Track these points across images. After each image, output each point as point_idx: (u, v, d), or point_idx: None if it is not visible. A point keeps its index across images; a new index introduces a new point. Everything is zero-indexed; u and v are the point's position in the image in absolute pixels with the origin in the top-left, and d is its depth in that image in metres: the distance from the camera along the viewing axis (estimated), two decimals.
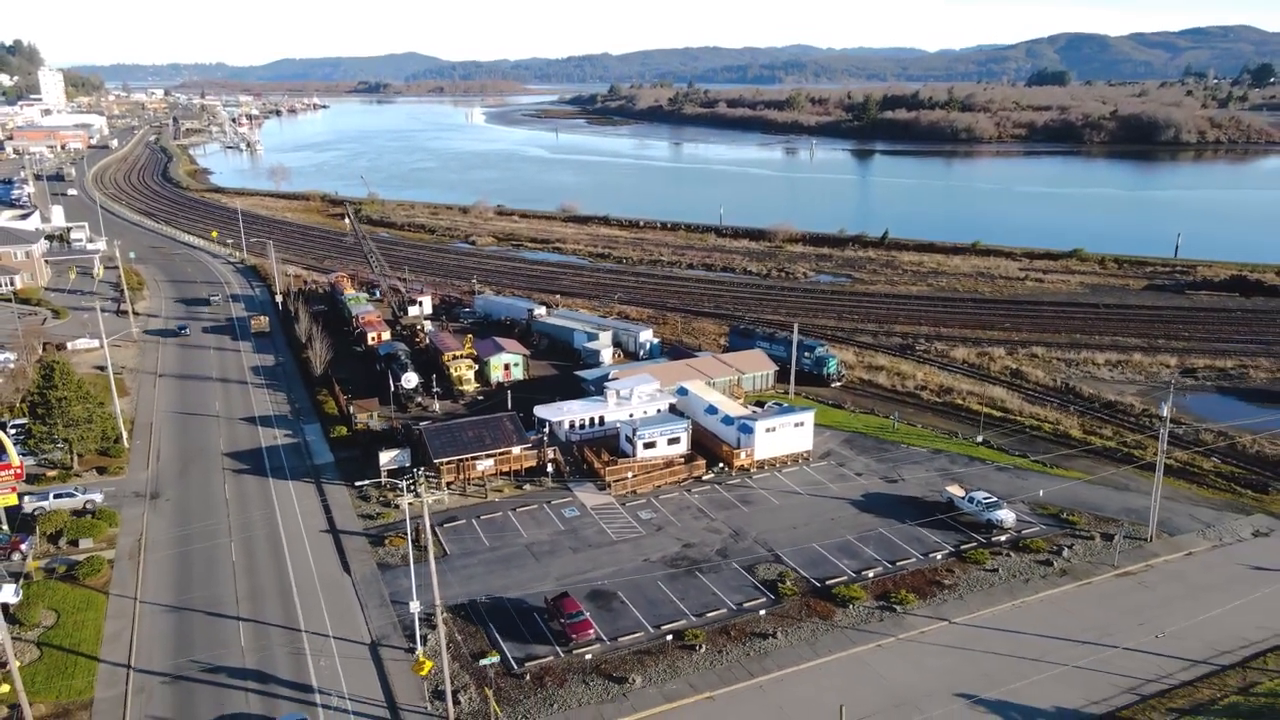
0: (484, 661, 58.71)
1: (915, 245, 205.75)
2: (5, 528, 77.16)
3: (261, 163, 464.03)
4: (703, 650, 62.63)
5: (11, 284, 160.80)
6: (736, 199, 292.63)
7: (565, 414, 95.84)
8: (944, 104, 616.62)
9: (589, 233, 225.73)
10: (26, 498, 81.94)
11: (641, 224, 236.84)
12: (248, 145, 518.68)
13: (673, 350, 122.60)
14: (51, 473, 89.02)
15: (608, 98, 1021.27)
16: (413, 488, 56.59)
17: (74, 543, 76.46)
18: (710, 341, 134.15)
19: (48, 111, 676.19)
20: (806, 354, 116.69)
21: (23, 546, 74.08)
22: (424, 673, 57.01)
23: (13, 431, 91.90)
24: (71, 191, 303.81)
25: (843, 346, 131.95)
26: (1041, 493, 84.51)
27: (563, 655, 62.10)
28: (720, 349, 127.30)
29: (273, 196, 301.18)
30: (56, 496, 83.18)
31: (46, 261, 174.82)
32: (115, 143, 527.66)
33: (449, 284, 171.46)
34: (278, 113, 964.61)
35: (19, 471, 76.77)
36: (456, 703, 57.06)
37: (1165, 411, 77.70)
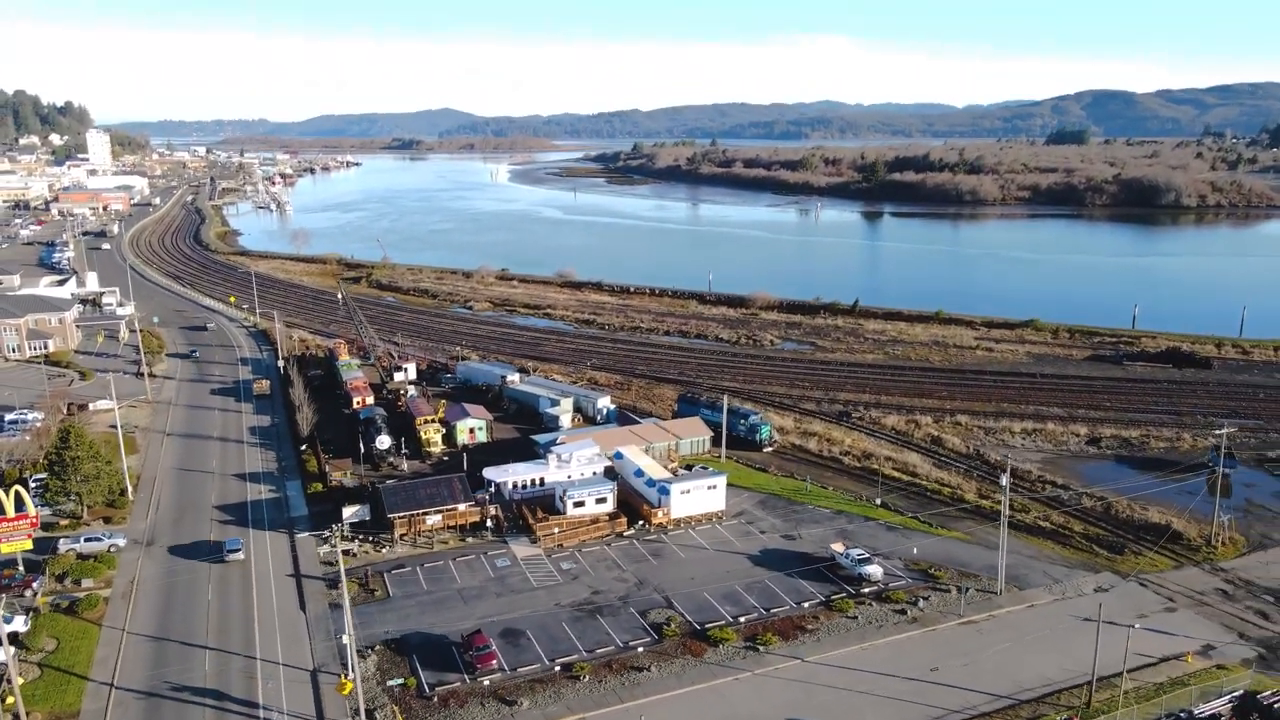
0: (391, 682, 71.28)
1: (883, 313, 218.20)
2: (21, 568, 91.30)
3: (290, 223, 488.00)
4: (586, 680, 74.76)
5: (45, 347, 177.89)
6: (730, 263, 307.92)
7: (510, 475, 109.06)
8: (952, 166, 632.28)
9: (579, 299, 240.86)
10: (61, 540, 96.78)
11: (631, 290, 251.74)
12: (278, 205, 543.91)
13: (622, 416, 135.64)
14: (64, 522, 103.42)
15: (630, 156, 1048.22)
16: (330, 540, 69.18)
17: (77, 582, 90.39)
18: (665, 407, 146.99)
19: (94, 171, 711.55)
20: (742, 421, 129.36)
21: (34, 584, 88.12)
22: (345, 693, 69.74)
23: (35, 485, 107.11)
24: (105, 246, 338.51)
25: (785, 413, 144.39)
26: (916, 550, 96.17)
27: (469, 682, 74.55)
28: (672, 414, 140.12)
29: (292, 260, 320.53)
30: (87, 540, 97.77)
31: (77, 326, 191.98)
32: (157, 200, 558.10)
33: (440, 349, 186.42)
34: (311, 171, 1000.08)
35: (35, 521, 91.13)
36: (372, 717, 69.64)
37: (1004, 481, 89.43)
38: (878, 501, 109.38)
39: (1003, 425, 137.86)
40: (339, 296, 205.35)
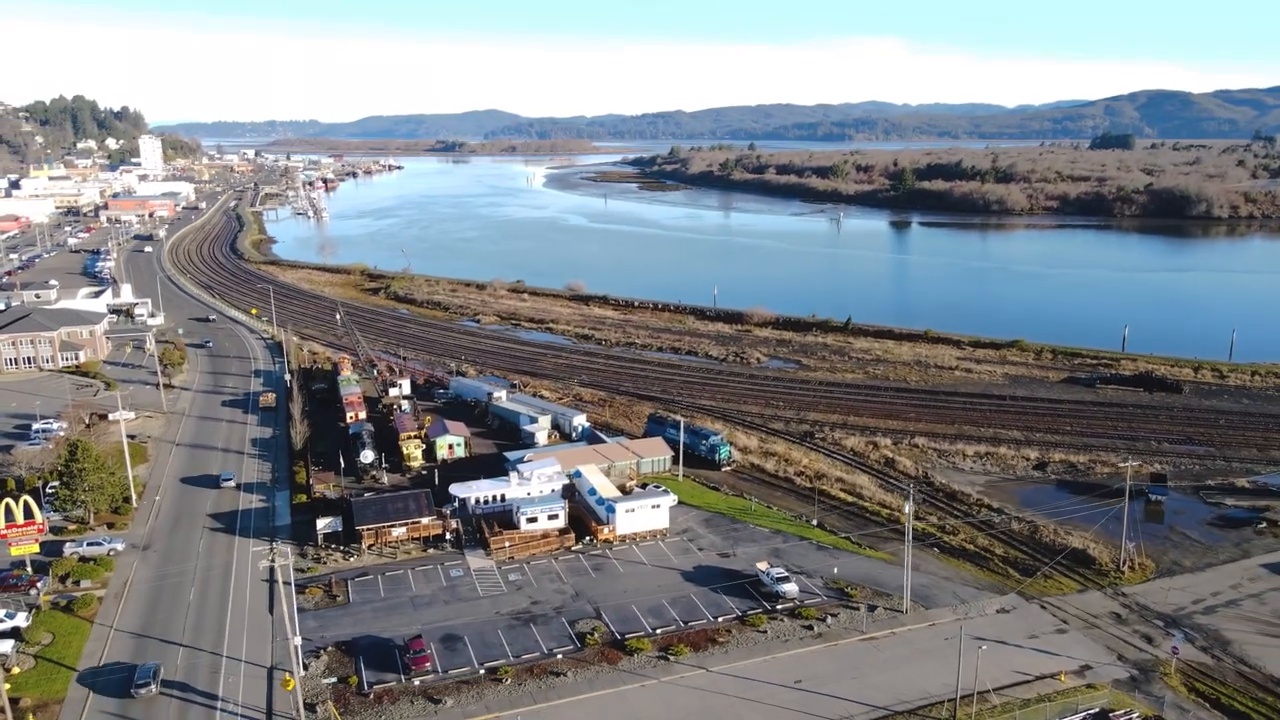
0: (326, 680, 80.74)
1: (874, 331, 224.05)
2: (29, 569, 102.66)
3: (327, 230, 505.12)
4: (508, 683, 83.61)
5: (76, 358, 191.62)
6: (741, 276, 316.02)
7: (474, 491, 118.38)
8: (984, 173, 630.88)
9: (583, 313, 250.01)
10: (68, 544, 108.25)
11: (636, 304, 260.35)
12: (315, 212, 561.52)
13: (592, 435, 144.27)
14: (72, 527, 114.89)
15: (667, 160, 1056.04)
16: (269, 555, 78.74)
17: (77, 582, 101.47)
18: (641, 425, 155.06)
19: (144, 176, 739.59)
20: (703, 441, 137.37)
21: (39, 584, 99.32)
22: (289, 688, 79.41)
23: (50, 492, 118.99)
24: (148, 249, 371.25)
25: (752, 432, 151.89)
26: (837, 569, 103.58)
27: (403, 681, 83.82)
28: (643, 433, 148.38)
29: (319, 269, 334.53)
30: (89, 544, 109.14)
31: (107, 337, 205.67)
32: (203, 204, 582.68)
33: (441, 363, 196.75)
34: (354, 174, 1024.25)
35: (41, 527, 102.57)
36: (313, 710, 79.25)
37: (909, 508, 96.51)
38: (814, 522, 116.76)
39: (958, 448, 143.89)
40: (337, 317, 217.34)
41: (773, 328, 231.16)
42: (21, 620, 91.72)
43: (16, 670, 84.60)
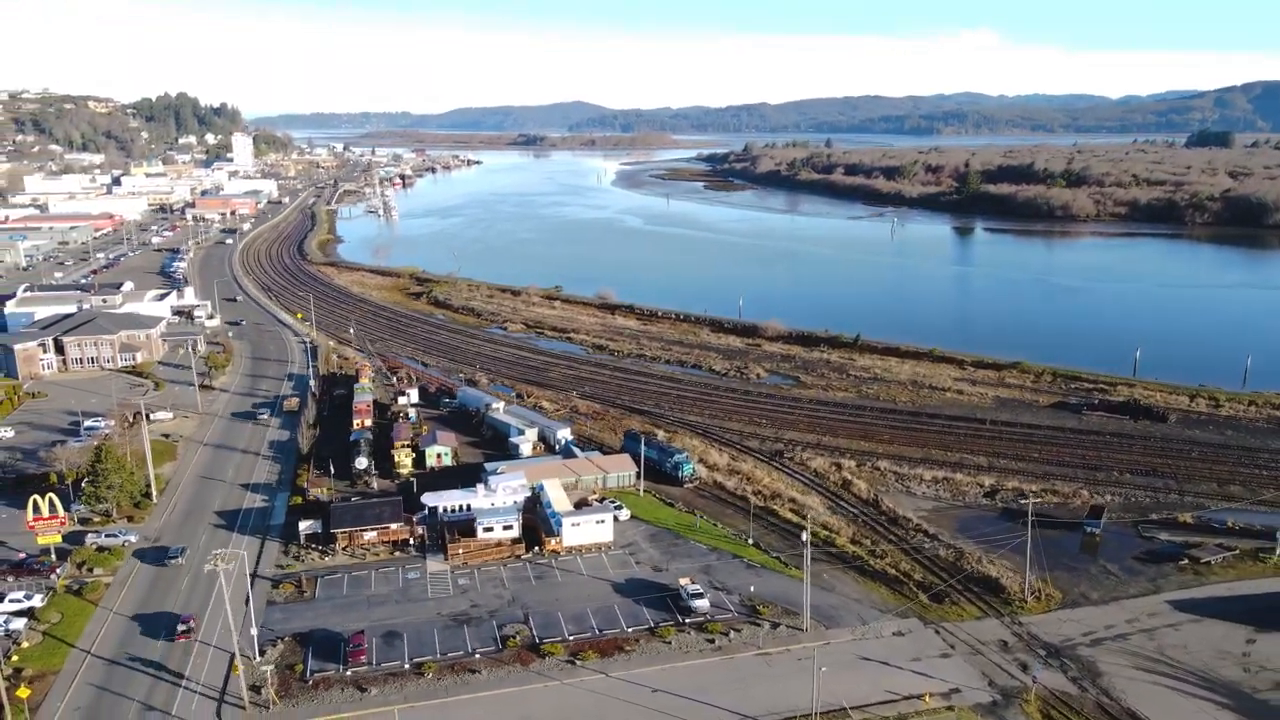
0: (264, 667, 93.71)
1: (882, 348, 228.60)
2: (54, 556, 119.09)
3: (396, 229, 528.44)
4: (429, 677, 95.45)
5: (134, 359, 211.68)
6: (772, 284, 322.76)
7: (444, 500, 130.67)
8: (1055, 176, 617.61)
9: (605, 323, 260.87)
10: (89, 535, 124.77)
11: (659, 314, 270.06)
12: (386, 211, 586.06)
13: (566, 449, 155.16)
14: (98, 519, 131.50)
15: (739, 157, 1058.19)
16: (215, 562, 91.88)
17: (91, 570, 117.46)
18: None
19: (234, 173, 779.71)
20: (669, 458, 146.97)
21: (58, 570, 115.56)
22: (237, 672, 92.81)
23: (82, 488, 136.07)
24: (229, 240, 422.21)
25: (726, 450, 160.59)
26: (753, 588, 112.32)
27: (340, 671, 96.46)
28: (620, 448, 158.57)
29: (372, 272, 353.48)
30: (108, 536, 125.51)
31: (163, 339, 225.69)
32: (287, 200, 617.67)
33: (458, 371, 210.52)
34: (433, 170, 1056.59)
35: (64, 520, 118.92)
36: (257, 692, 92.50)
37: (805, 537, 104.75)
38: (749, 540, 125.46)
39: (918, 472, 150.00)
40: (351, 331, 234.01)
41: (783, 342, 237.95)
42: (38, 601, 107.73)
43: (26, 644, 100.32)
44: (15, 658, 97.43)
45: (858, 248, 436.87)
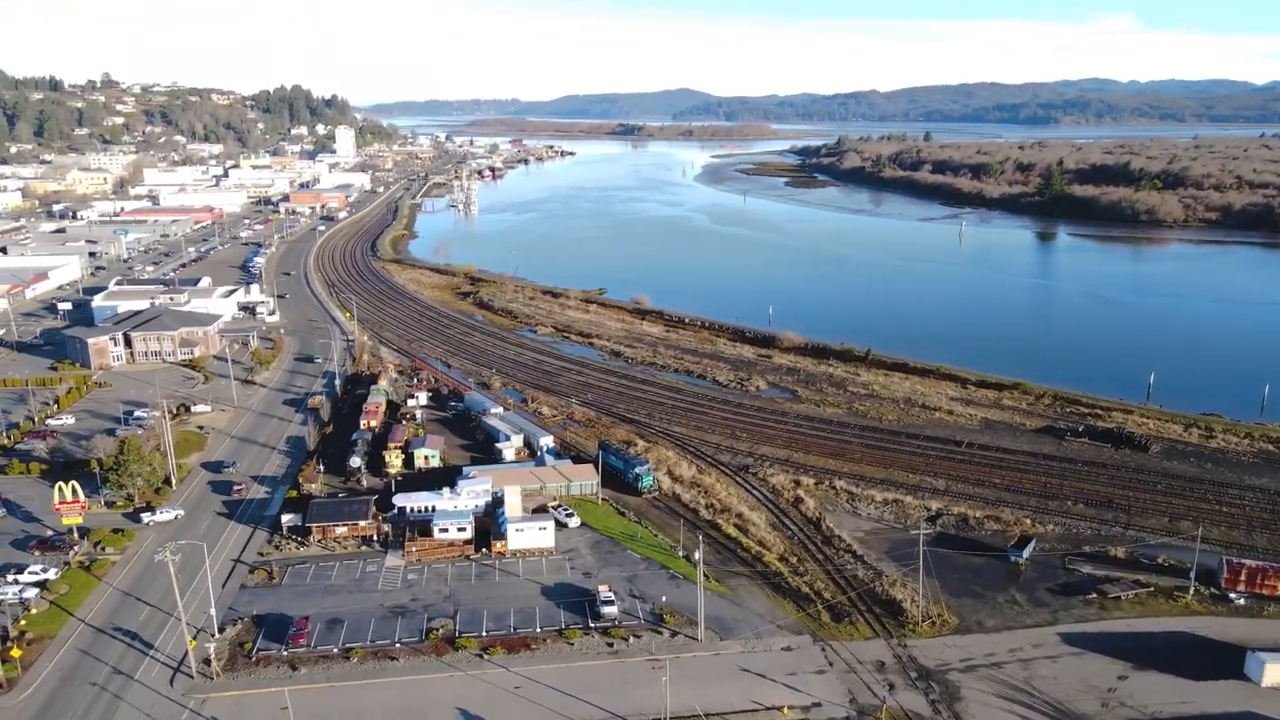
0: (208, 645, 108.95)
1: (890, 363, 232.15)
2: (76, 534, 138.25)
3: (474, 224, 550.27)
4: (354, 661, 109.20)
5: (191, 353, 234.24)
6: (814, 293, 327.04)
7: (412, 501, 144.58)
8: (1154, 175, 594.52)
9: (630, 329, 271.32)
10: (145, 514, 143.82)
11: (685, 321, 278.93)
12: (466, 205, 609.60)
13: (540, 458, 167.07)
14: (120, 503, 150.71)
15: (828, 151, 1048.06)
16: (172, 552, 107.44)
17: (103, 549, 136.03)
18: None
19: (335, 164, 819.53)
20: (631, 470, 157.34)
21: (76, 548, 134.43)
22: (191, 647, 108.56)
23: None
24: (321, 228, 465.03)
25: (695, 462, 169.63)
26: (665, 598, 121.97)
27: (281, 652, 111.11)
28: (595, 457, 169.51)
29: (431, 270, 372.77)
30: (161, 512, 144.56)
31: (220, 335, 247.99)
32: (381, 190, 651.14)
33: (478, 372, 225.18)
34: (525, 161, 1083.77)
35: (84, 505, 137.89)
36: (207, 664, 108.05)
37: (698, 555, 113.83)
38: (680, 553, 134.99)
39: (870, 493, 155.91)
40: (363, 339, 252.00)
41: (796, 354, 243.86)
42: (52, 574, 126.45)
43: (34, 612, 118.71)
44: (24, 622, 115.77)
45: (921, 254, 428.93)
